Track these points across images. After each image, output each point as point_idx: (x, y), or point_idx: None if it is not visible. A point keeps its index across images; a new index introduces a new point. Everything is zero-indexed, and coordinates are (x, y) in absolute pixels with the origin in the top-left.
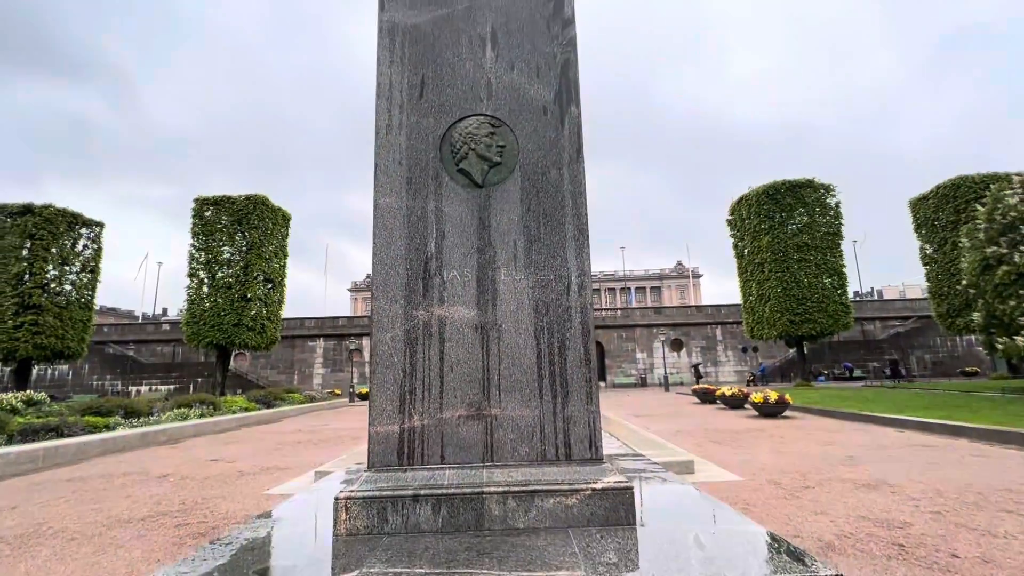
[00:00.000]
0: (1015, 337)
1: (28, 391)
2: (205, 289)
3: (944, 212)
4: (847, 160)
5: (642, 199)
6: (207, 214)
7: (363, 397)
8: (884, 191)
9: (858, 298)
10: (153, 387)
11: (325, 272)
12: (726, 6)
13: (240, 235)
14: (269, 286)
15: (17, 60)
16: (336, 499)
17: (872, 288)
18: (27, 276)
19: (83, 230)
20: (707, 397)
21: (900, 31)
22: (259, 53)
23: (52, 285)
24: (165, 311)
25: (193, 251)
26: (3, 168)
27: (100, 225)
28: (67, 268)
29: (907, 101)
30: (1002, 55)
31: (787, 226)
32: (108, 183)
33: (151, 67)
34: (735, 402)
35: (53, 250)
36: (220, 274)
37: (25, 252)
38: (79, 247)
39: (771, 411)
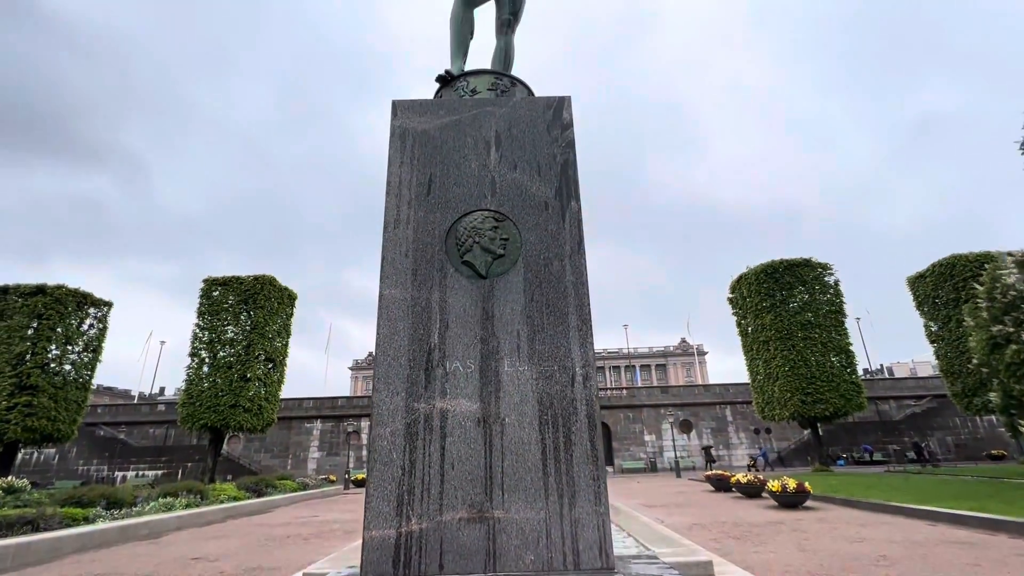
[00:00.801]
0: None
1: (10, 477)
2: (205, 369)
3: (944, 290)
4: (837, 239)
5: (640, 277)
6: (215, 294)
7: (358, 484)
8: (879, 268)
9: (868, 376)
10: (140, 472)
11: (326, 351)
12: (705, 99)
13: (245, 314)
14: (270, 365)
15: (38, 147)
16: None
17: (882, 365)
18: (29, 356)
19: (91, 309)
20: (722, 484)
21: (870, 121)
22: (266, 140)
23: (52, 365)
24: (162, 390)
25: (197, 330)
26: (14, 247)
27: (108, 305)
28: (69, 348)
29: (888, 184)
30: (968, 140)
31: (789, 304)
32: (114, 262)
33: (165, 154)
34: (752, 490)
35: (59, 329)
36: (222, 353)
37: (30, 332)
38: (84, 326)
39: (791, 501)
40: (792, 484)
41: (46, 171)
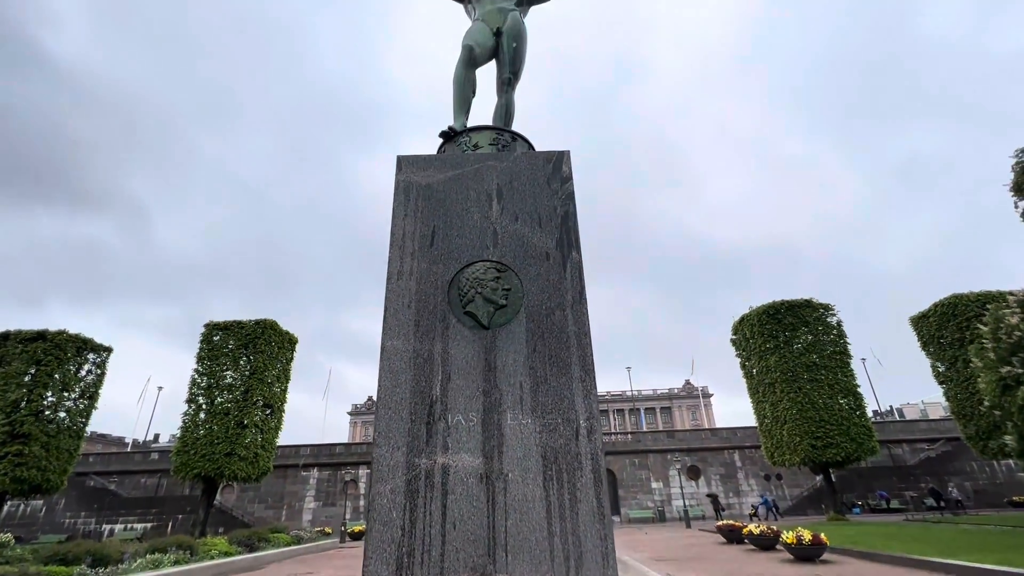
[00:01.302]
0: None
1: None
2: (202, 415)
3: (948, 330)
4: (836, 277)
5: (640, 317)
6: (215, 339)
7: (355, 536)
8: (879, 307)
9: (879, 419)
10: (129, 525)
11: (325, 397)
12: (695, 142)
13: (245, 359)
14: (268, 411)
15: (42, 193)
16: None
17: (891, 407)
18: (24, 403)
19: (90, 355)
20: (733, 535)
21: (858, 162)
22: (266, 185)
23: (47, 412)
24: (156, 437)
25: (196, 376)
26: (12, 291)
27: (108, 350)
28: (66, 394)
29: (880, 223)
30: (954, 180)
31: (792, 345)
32: (112, 305)
33: (166, 199)
34: (766, 542)
35: (56, 376)
36: (219, 399)
37: (27, 378)
38: (83, 372)
39: (807, 554)
40: (807, 536)
41: (48, 216)
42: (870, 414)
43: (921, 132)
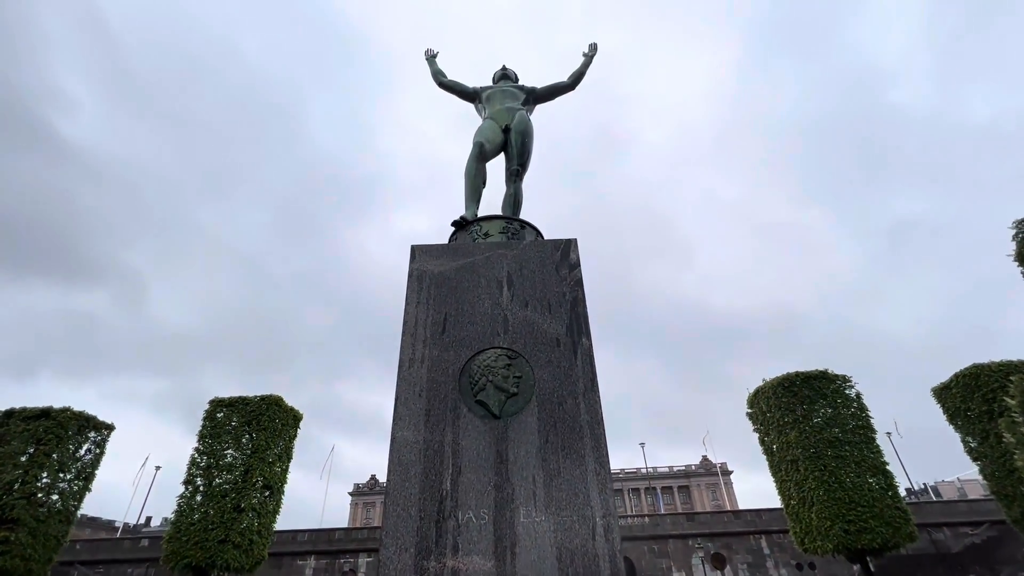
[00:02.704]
0: None
1: None
2: (199, 498)
3: (973, 402)
4: (845, 344)
5: (643, 386)
6: (219, 416)
7: None
8: (897, 376)
9: (913, 498)
10: None
11: (324, 477)
12: (683, 208)
13: (247, 437)
14: (267, 493)
15: (40, 265)
16: None
17: (924, 485)
18: (17, 485)
19: (91, 433)
20: None
21: (849, 227)
22: (262, 257)
23: (39, 495)
24: (148, 520)
25: (196, 455)
26: (3, 364)
27: (110, 428)
28: (61, 475)
29: (882, 288)
30: (948, 245)
31: (812, 419)
32: (104, 378)
33: (165, 272)
34: None
35: (55, 456)
36: (218, 480)
37: (24, 458)
38: (81, 451)
39: None
40: None
41: (44, 287)
42: (903, 493)
43: (905, 198)
